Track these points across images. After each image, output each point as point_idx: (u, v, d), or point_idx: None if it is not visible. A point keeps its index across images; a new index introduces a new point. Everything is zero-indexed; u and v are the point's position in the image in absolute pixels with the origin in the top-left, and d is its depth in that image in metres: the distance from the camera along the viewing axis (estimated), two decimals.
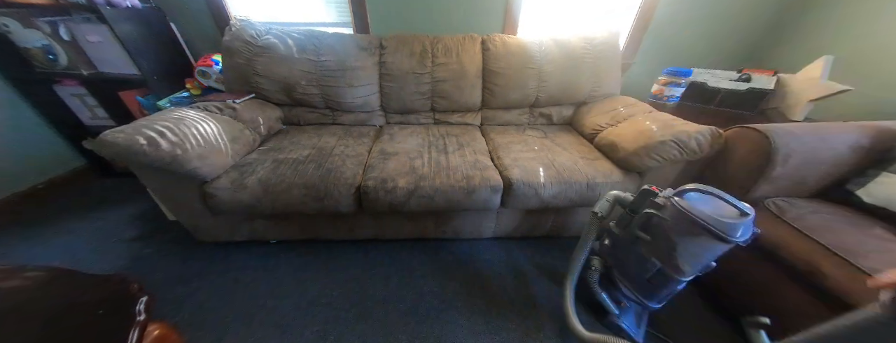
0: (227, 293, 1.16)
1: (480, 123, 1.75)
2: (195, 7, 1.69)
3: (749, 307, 1.01)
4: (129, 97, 1.61)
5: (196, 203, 1.15)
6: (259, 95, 1.54)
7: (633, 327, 1.03)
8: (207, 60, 1.61)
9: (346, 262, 1.31)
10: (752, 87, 1.58)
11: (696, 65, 1.88)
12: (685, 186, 0.81)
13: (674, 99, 1.72)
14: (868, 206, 0.99)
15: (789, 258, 0.88)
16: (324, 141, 1.41)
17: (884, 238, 0.87)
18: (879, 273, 0.74)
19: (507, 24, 1.79)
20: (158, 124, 1.03)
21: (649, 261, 0.86)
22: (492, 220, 1.35)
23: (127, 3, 1.44)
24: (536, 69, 1.57)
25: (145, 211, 1.59)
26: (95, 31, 1.42)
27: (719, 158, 1.13)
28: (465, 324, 1.07)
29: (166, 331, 0.61)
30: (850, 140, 1.03)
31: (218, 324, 1.05)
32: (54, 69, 1.51)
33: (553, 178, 1.16)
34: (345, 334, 1.03)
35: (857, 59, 1.47)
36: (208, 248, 1.36)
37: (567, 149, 1.38)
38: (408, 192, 1.12)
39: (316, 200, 1.11)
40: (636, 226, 0.87)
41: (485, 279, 1.24)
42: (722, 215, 0.72)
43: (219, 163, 1.12)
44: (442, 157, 1.28)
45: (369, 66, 1.56)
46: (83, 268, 0.98)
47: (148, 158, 0.96)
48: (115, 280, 0.59)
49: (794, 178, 1.04)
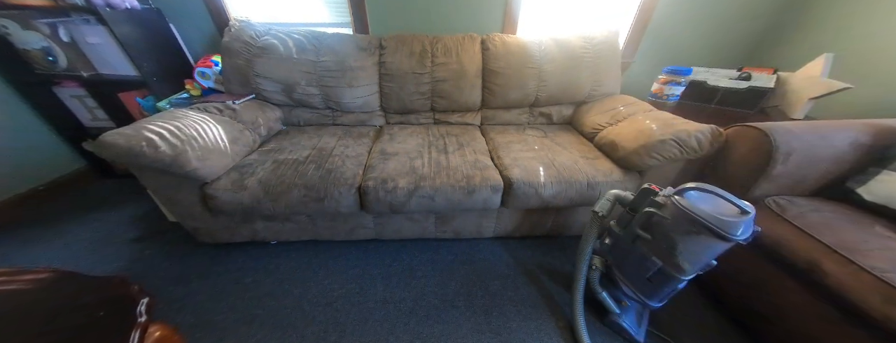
0: (228, 294, 1.16)
1: (480, 123, 1.75)
2: (194, 8, 1.68)
3: (749, 305, 1.01)
4: (128, 99, 1.61)
5: (196, 204, 1.15)
6: (259, 96, 1.54)
7: (634, 326, 1.03)
8: (207, 61, 1.61)
9: (347, 262, 1.31)
10: (752, 86, 1.58)
11: (695, 63, 1.88)
12: (685, 185, 0.81)
13: (674, 98, 1.72)
14: (869, 204, 0.99)
15: (790, 256, 0.88)
16: (324, 141, 1.41)
17: (884, 236, 0.87)
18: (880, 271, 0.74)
19: (507, 24, 1.79)
20: (158, 126, 1.03)
21: (650, 260, 0.86)
22: (492, 219, 1.35)
23: (126, 5, 1.44)
24: (536, 69, 1.57)
25: (146, 212, 1.59)
26: (95, 33, 1.42)
27: (719, 157, 1.13)
28: (466, 324, 1.07)
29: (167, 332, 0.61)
30: (851, 138, 1.03)
31: (218, 325, 1.05)
32: (54, 71, 1.51)
33: (553, 177, 1.16)
34: (345, 334, 1.03)
35: (858, 57, 1.47)
36: (209, 250, 1.36)
37: (567, 148, 1.38)
38: (408, 192, 1.12)
39: (316, 201, 1.11)
40: (637, 225, 0.87)
41: (485, 279, 1.24)
42: (722, 214, 0.72)
43: (219, 164, 1.12)
44: (442, 157, 1.28)
45: (369, 67, 1.56)
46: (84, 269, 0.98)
47: (148, 160, 0.96)
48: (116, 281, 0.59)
49: (795, 177, 1.04)
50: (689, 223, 0.75)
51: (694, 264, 0.80)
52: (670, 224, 0.79)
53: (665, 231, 0.80)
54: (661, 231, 0.82)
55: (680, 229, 0.77)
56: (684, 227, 0.76)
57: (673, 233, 0.79)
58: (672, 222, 0.78)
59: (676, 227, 0.78)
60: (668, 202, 0.79)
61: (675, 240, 0.79)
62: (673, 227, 0.79)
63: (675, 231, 0.78)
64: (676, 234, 0.78)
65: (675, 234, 0.78)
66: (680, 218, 0.76)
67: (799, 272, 0.86)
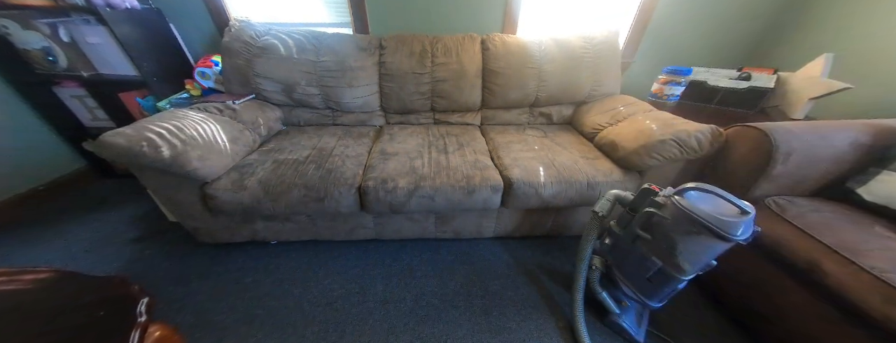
0: (228, 294, 1.16)
1: (480, 123, 1.75)
2: (194, 8, 1.68)
3: (749, 305, 1.01)
4: (128, 98, 1.61)
5: (196, 204, 1.15)
6: (259, 96, 1.54)
7: (634, 326, 1.03)
8: (207, 61, 1.61)
9: (347, 262, 1.31)
10: (752, 86, 1.58)
11: (695, 63, 1.88)
12: (685, 185, 0.81)
13: (674, 98, 1.72)
14: (869, 205, 0.99)
15: (790, 256, 0.88)
16: (324, 141, 1.41)
17: (884, 236, 0.87)
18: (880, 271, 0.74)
19: (507, 24, 1.79)
20: (158, 126, 1.03)
21: (650, 260, 0.86)
22: (492, 219, 1.35)
23: (126, 5, 1.44)
24: (536, 69, 1.57)
25: (146, 212, 1.59)
26: (95, 33, 1.42)
27: (719, 157, 1.13)
28: (466, 324, 1.07)
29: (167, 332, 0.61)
30: (851, 138, 1.03)
31: (218, 325, 1.05)
32: (54, 71, 1.51)
33: (553, 177, 1.16)
34: (345, 334, 1.03)
35: (857, 57, 1.47)
36: (209, 250, 1.36)
37: (567, 148, 1.38)
38: (408, 192, 1.12)
39: (316, 201, 1.11)
40: (637, 225, 0.87)
41: (485, 279, 1.24)
42: (722, 214, 0.72)
43: (219, 164, 1.12)
44: (442, 156, 1.28)
45: (369, 67, 1.56)
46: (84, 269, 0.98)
47: (148, 160, 0.96)
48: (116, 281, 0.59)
49: (795, 177, 1.04)
50: (689, 223, 0.75)
51: (694, 264, 0.80)
52: (670, 224, 0.79)
53: (665, 231, 0.80)
54: (661, 231, 0.82)
55: (680, 229, 0.77)
56: (684, 227, 0.76)
57: (673, 233, 0.79)
58: (672, 222, 0.78)
59: (676, 228, 0.78)
60: (668, 202, 0.79)
61: (675, 240, 0.79)
62: (673, 228, 0.79)
63: (675, 231, 0.78)
64: (676, 235, 0.78)
65: (675, 234, 0.78)
66: (680, 218, 0.76)
67: (799, 272, 0.86)
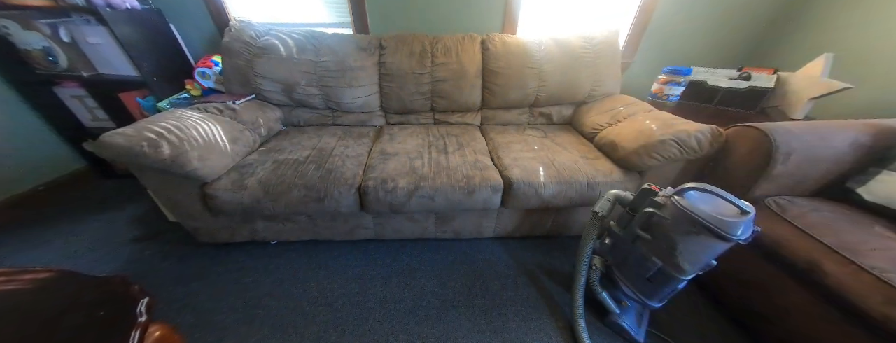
0: (228, 294, 1.16)
1: (480, 123, 1.75)
2: (195, 8, 1.69)
3: (749, 305, 1.01)
4: (129, 99, 1.61)
5: (196, 204, 1.15)
6: (259, 96, 1.54)
7: (634, 326, 1.03)
8: (207, 62, 1.61)
9: (347, 262, 1.31)
10: (752, 86, 1.58)
11: (695, 63, 1.88)
12: (685, 185, 0.81)
13: (674, 98, 1.72)
14: (869, 204, 0.99)
15: (790, 256, 0.88)
16: (324, 141, 1.41)
17: (884, 236, 0.87)
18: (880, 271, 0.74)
19: (507, 24, 1.79)
20: (159, 126, 1.03)
21: (650, 260, 0.86)
22: (492, 219, 1.35)
23: (126, 5, 1.45)
24: (536, 69, 1.57)
25: (146, 212, 1.59)
26: (95, 33, 1.42)
27: (720, 157, 1.13)
28: (466, 324, 1.07)
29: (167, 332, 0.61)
30: (851, 138, 1.03)
31: (218, 325, 1.05)
32: (54, 71, 1.51)
33: (553, 177, 1.16)
34: (345, 335, 1.03)
35: (857, 57, 1.47)
36: (209, 249, 1.36)
37: (567, 148, 1.38)
38: (408, 192, 1.12)
39: (316, 201, 1.11)
40: (636, 225, 0.87)
41: (486, 279, 1.24)
42: (722, 214, 0.72)
43: (219, 164, 1.12)
44: (442, 157, 1.28)
45: (369, 67, 1.56)
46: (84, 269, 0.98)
47: (148, 160, 0.96)
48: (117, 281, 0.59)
49: (795, 177, 1.03)
50: (689, 223, 0.75)
51: (694, 264, 0.80)
52: (670, 224, 0.79)
53: (665, 231, 0.80)
54: (661, 231, 0.82)
55: (680, 229, 0.77)
56: (684, 227, 0.76)
57: (673, 233, 0.79)
58: (672, 222, 0.78)
59: (676, 228, 0.78)
60: (668, 202, 0.79)
61: (675, 240, 0.79)
62: (673, 228, 0.79)
63: (675, 231, 0.78)
64: (676, 235, 0.78)
65: (675, 234, 0.78)
66: (680, 218, 0.76)
67: (799, 272, 0.86)
